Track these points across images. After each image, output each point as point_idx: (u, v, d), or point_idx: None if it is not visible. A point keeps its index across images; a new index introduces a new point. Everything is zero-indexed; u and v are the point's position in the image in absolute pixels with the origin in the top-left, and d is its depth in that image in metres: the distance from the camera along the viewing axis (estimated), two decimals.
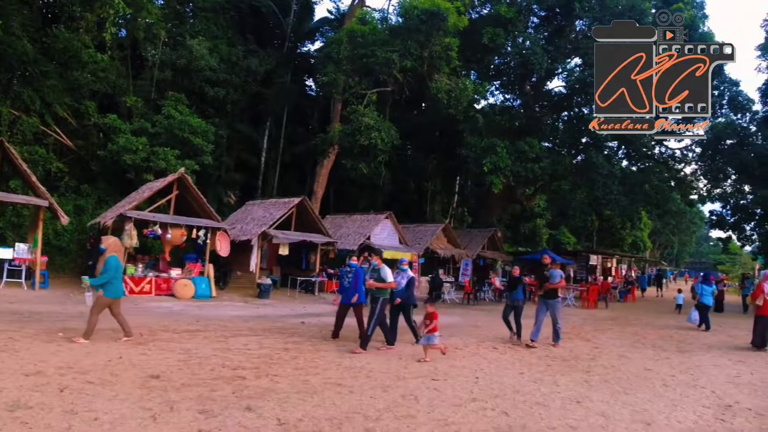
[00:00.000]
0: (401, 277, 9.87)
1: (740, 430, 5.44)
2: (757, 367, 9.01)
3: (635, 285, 30.03)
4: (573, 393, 6.68)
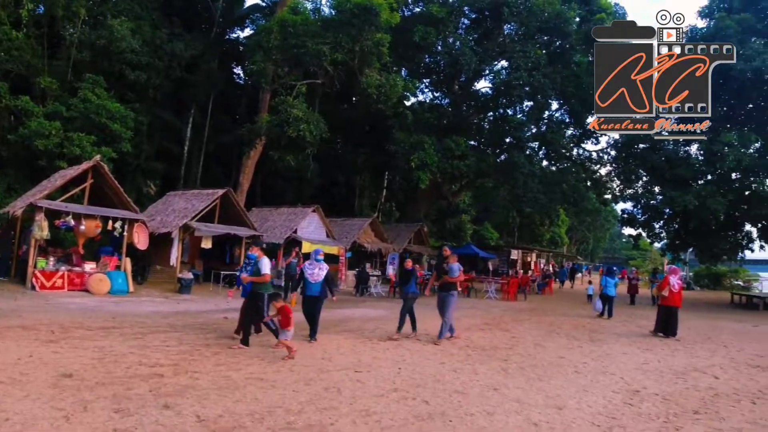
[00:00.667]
0: (318, 268, 9.40)
1: (647, 413, 5.82)
2: (664, 355, 9.67)
3: (552, 278, 31.56)
4: (491, 381, 6.97)
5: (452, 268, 10.28)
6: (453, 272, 10.26)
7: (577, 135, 31.24)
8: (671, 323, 12.13)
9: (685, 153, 26.12)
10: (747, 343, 11.61)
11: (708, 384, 7.38)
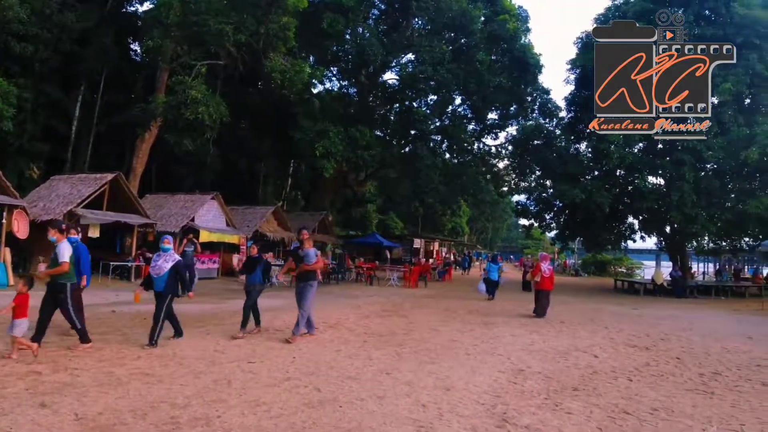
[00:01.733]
0: (163, 260, 7.82)
1: (530, 391, 6.12)
2: (549, 337, 10.24)
3: (452, 266, 32.69)
4: (384, 366, 7.05)
5: (308, 254, 9.08)
6: (309, 258, 9.03)
7: (478, 130, 32.49)
8: (542, 305, 13.26)
9: (575, 150, 28.02)
10: (626, 324, 12.52)
11: (588, 362, 7.90)
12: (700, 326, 12.53)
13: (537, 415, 5.20)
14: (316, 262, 9.11)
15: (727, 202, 23.39)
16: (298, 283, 9.15)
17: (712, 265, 37.42)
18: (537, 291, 13.71)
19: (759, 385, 6.80)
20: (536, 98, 30.61)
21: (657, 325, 12.55)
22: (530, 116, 31.15)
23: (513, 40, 28.58)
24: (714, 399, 6.10)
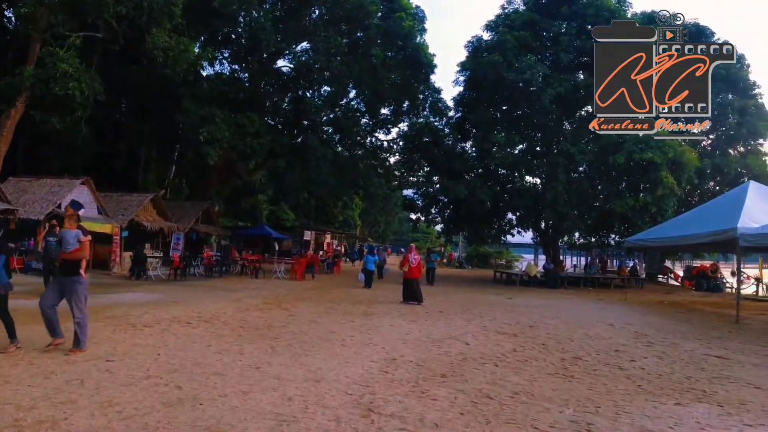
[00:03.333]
0: None
1: (399, 379, 6.16)
2: (426, 326, 10.48)
3: (341, 258, 32.70)
4: (255, 360, 6.79)
5: (65, 237, 6.91)
6: (67, 244, 6.87)
7: (371, 124, 32.72)
8: (412, 292, 14.28)
9: (461, 149, 29.12)
10: (500, 313, 13.18)
11: (459, 350, 8.14)
12: (566, 314, 13.45)
13: (403, 402, 5.23)
14: (76, 250, 6.86)
15: (596, 202, 25.43)
16: (61, 278, 6.98)
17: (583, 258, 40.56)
18: (405, 279, 14.61)
19: (616, 369, 7.34)
20: (428, 97, 31.40)
21: (528, 313, 13.31)
22: (421, 114, 31.92)
23: (408, 38, 29.03)
24: (573, 382, 6.48)
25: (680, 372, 7.32)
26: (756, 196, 15.11)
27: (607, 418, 5.03)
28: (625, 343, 9.54)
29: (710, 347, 9.36)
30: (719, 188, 29.00)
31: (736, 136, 31.12)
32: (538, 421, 4.84)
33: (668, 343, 9.67)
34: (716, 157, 30.91)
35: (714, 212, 16.05)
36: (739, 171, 28.97)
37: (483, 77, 25.47)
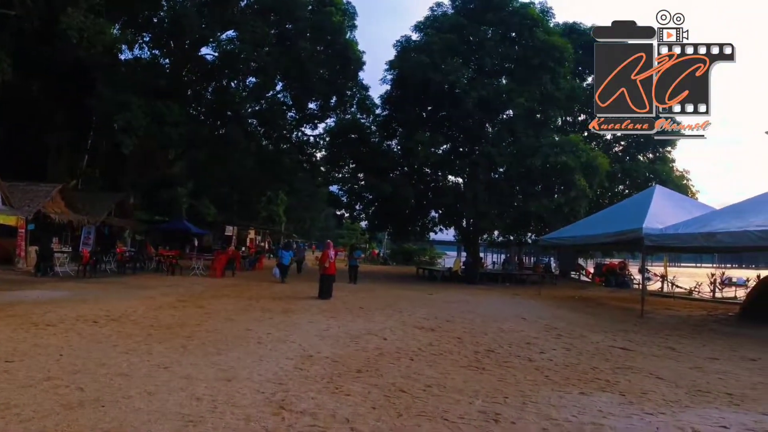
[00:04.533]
0: None
1: (314, 376, 6.12)
2: (345, 322, 10.48)
3: (263, 254, 32.08)
4: (164, 360, 6.53)
5: None
6: None
7: (297, 118, 32.28)
8: (328, 288, 14.69)
9: (387, 147, 29.31)
10: (419, 308, 13.40)
11: (377, 345, 8.21)
12: (483, 309, 13.89)
13: (315, 399, 5.21)
14: None
15: (515, 202, 26.34)
16: None
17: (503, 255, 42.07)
18: (323, 276, 15.01)
19: (526, 361, 7.65)
20: (355, 93, 31.36)
21: (446, 308, 13.65)
22: (348, 110, 31.83)
23: (338, 33, 28.84)
24: (484, 374, 6.69)
25: (586, 363, 7.72)
26: (661, 199, 16.31)
27: (515, 408, 5.23)
28: (536, 336, 9.97)
29: (615, 339, 9.95)
30: (628, 191, 30.93)
31: (646, 144, 33.43)
32: (449, 413, 4.96)
33: (576, 336, 10.20)
34: (626, 163, 33.04)
35: (622, 213, 17.15)
36: (647, 176, 30.99)
37: (410, 77, 25.75)
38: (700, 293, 23.71)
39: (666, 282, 26.65)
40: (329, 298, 14.51)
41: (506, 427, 4.63)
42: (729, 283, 25.33)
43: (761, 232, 11.21)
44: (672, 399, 5.91)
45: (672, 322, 13.57)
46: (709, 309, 17.19)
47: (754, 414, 5.38)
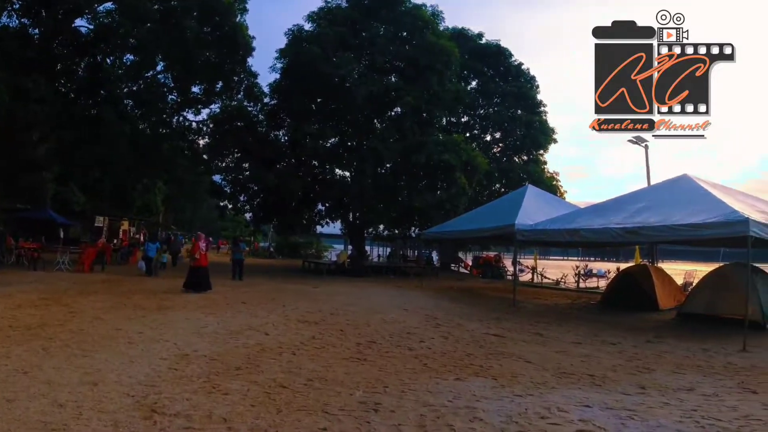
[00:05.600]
0: None
1: (189, 375, 5.89)
2: (225, 318, 10.14)
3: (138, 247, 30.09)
4: (23, 364, 5.98)
5: None
6: None
7: (179, 102, 30.57)
8: (203, 280, 14.51)
9: (273, 137, 28.70)
10: (303, 302, 13.30)
11: (258, 341, 8.07)
12: (367, 301, 14.14)
13: (191, 400, 5.05)
14: None
15: (400, 197, 26.95)
16: None
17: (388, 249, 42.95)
18: (193, 267, 14.81)
19: (406, 350, 7.92)
20: (243, 80, 30.18)
21: (331, 301, 13.72)
22: (235, 97, 30.67)
23: (227, 15, 27.55)
24: (366, 365, 6.85)
25: (462, 350, 8.17)
26: (533, 197, 17.64)
27: (394, 396, 5.42)
28: (417, 326, 10.36)
29: (489, 327, 10.60)
30: (504, 189, 32.89)
31: (522, 146, 35.90)
32: (329, 405, 5.04)
33: (454, 325, 10.73)
34: (503, 163, 35.19)
35: (498, 210, 18.27)
36: (521, 176, 33.14)
37: (301, 67, 25.40)
38: (566, 284, 25.90)
39: (536, 273, 28.81)
40: (201, 291, 14.14)
41: (385, 416, 4.79)
42: (591, 274, 27.87)
43: (620, 229, 12.40)
44: (540, 381, 6.42)
45: (541, 310, 14.73)
46: (573, 298, 18.85)
47: (614, 393, 5.99)
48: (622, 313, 13.90)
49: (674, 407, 5.43)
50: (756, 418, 5.10)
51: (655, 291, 15.11)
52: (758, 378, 7.02)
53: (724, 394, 6.14)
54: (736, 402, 5.75)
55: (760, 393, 6.20)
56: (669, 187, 13.81)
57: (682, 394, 6.06)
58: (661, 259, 28.58)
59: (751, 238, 9.84)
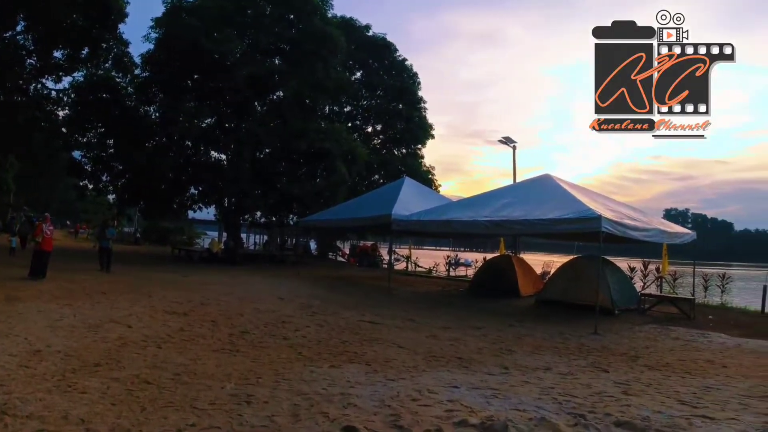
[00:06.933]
0: None
1: (42, 373, 5.36)
2: (83, 309, 9.33)
3: None
4: None
5: None
6: None
7: (38, 67, 27.29)
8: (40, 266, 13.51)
9: (144, 113, 26.67)
10: (171, 291, 12.61)
11: (119, 334, 7.51)
12: (241, 290, 13.76)
13: (44, 400, 4.59)
14: None
15: (278, 184, 26.40)
16: None
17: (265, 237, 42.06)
18: (37, 252, 13.82)
19: (281, 340, 7.83)
20: (113, 47, 27.47)
21: (202, 291, 13.15)
22: (102, 66, 27.91)
23: None
24: (238, 356, 6.67)
25: (337, 337, 8.26)
26: (409, 189, 18.26)
27: (268, 387, 5.34)
28: (292, 314, 10.29)
29: (364, 315, 10.82)
30: (383, 180, 33.58)
31: (401, 140, 36.82)
32: (198, 400, 4.84)
33: (330, 313, 10.81)
34: (383, 155, 35.88)
35: (376, 200, 18.67)
36: (399, 168, 34.00)
37: (178, 40, 23.77)
38: (437, 272, 27.13)
39: (410, 262, 29.86)
40: (43, 277, 13.17)
41: (258, 408, 4.70)
42: (459, 264, 29.46)
43: (487, 222, 13.29)
44: (411, 365, 6.68)
45: (414, 297, 15.32)
46: (444, 285, 19.80)
47: (480, 374, 6.41)
48: (488, 300, 14.89)
49: (534, 385, 5.90)
50: (608, 394, 5.67)
51: (517, 279, 16.36)
52: (608, 358, 7.90)
53: (579, 372, 6.82)
54: (590, 380, 6.40)
55: (611, 371, 6.97)
56: (532, 185, 14.99)
57: (541, 373, 6.63)
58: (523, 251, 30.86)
59: (602, 234, 11.03)
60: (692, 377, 6.82)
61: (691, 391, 5.96)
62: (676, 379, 6.63)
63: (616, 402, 5.31)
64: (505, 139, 28.83)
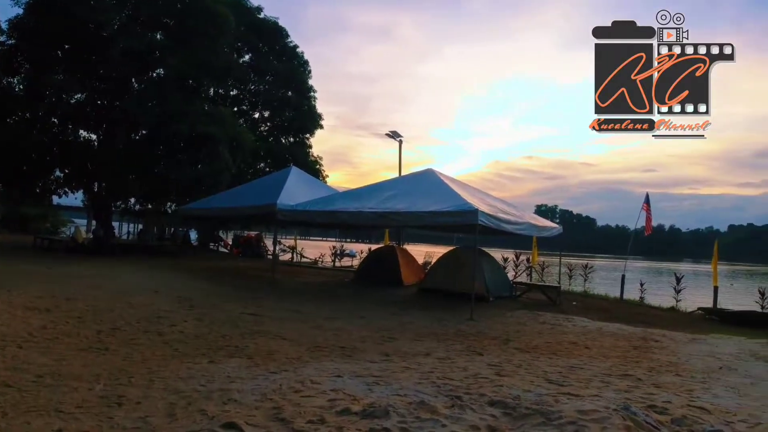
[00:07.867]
0: None
1: None
2: None
3: None
4: None
5: None
6: None
7: None
8: None
9: (6, 84, 23.82)
10: (33, 285, 11.51)
11: None
12: (112, 284, 12.86)
13: None
14: None
15: (156, 169, 24.86)
16: None
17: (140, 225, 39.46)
18: None
19: (155, 336, 7.46)
20: None
21: (68, 284, 12.13)
22: None
23: None
24: (108, 355, 6.29)
25: (217, 331, 8.03)
26: (295, 179, 18.10)
27: (140, 387, 5.09)
28: (169, 308, 9.84)
29: (247, 307, 10.61)
30: (269, 169, 32.81)
31: (289, 128, 36.13)
32: (65, 403, 4.51)
33: (210, 306, 10.48)
34: (270, 143, 35.04)
35: (261, 189, 18.30)
36: (286, 157, 33.42)
37: (50, 5, 21.41)
38: (323, 263, 27.18)
39: (295, 253, 29.63)
40: None
41: (130, 409, 4.47)
42: (345, 254, 29.71)
43: (372, 213, 13.64)
44: (294, 356, 6.69)
45: (299, 288, 15.29)
46: (329, 276, 19.90)
47: (363, 362, 6.57)
48: (373, 289, 15.25)
49: (414, 371, 6.17)
50: (483, 376, 6.04)
51: (400, 269, 16.93)
52: (483, 342, 8.47)
53: (456, 356, 7.24)
54: (466, 363, 6.81)
55: (485, 354, 7.47)
56: (416, 179, 15.56)
57: (420, 358, 6.95)
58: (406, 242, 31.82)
59: (479, 226, 11.80)
60: (558, 358, 7.52)
61: (557, 370, 6.56)
62: (544, 360, 7.27)
63: (490, 383, 5.66)
64: (392, 133, 29.46)
